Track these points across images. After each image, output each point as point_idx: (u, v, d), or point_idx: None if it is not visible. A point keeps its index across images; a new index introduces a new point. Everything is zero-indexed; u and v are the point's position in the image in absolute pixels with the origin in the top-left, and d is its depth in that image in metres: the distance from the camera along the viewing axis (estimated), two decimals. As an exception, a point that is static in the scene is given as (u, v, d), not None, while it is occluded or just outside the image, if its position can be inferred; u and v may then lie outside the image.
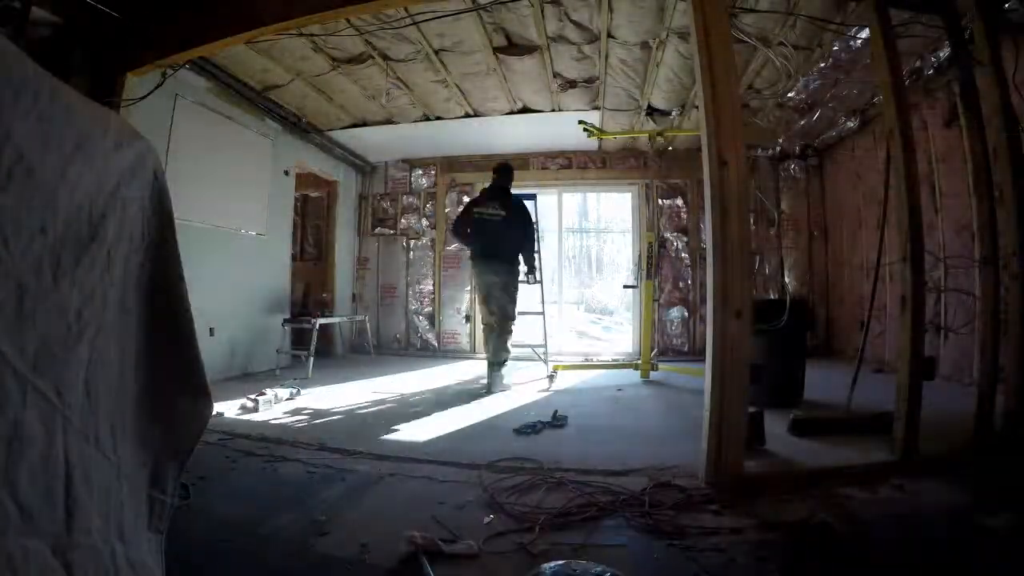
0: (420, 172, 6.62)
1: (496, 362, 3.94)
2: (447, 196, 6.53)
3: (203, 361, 1.23)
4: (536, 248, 4.88)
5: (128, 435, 1.07)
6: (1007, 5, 2.68)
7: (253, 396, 3.26)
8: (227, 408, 3.18)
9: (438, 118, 5.18)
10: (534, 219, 4.29)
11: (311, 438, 2.58)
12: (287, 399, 3.50)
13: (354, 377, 4.57)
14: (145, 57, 2.82)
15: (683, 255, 6.14)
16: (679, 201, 6.20)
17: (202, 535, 1.52)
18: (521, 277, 4.15)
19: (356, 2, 2.52)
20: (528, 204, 4.23)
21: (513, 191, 4.21)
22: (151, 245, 1.15)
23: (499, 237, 3.89)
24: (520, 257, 4.05)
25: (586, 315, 12.52)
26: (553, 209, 6.73)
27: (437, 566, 1.34)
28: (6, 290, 0.78)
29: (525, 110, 4.97)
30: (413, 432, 2.75)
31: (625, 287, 5.49)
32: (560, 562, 1.28)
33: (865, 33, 3.26)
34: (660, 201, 6.18)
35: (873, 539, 1.49)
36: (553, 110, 4.95)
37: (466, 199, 6.47)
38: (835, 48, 3.53)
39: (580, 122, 4.82)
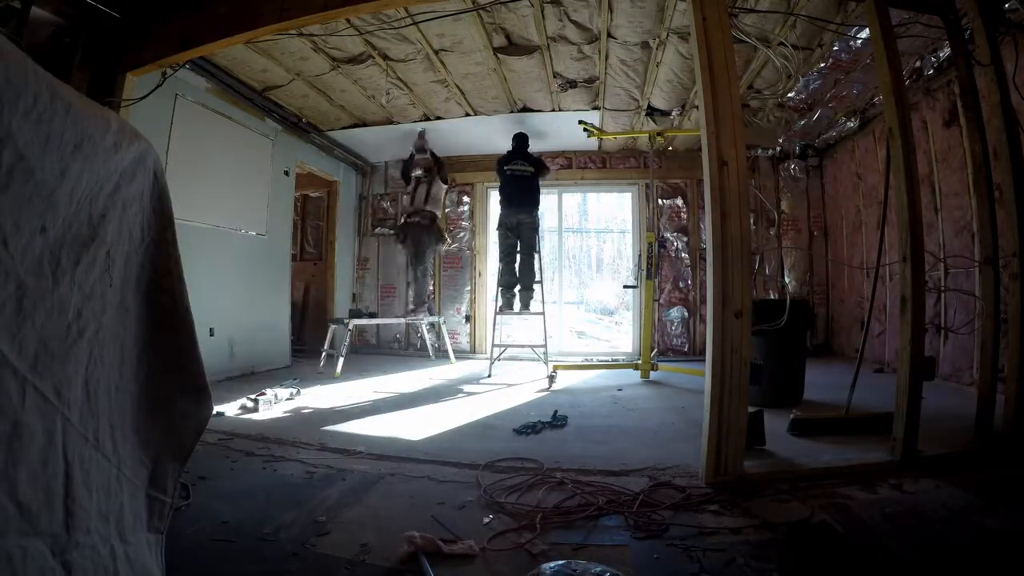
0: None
1: (530, 286, 4.98)
2: (447, 196, 6.53)
3: (203, 361, 1.24)
4: (537, 249, 4.94)
5: (128, 435, 1.07)
6: (1007, 5, 2.68)
7: (253, 396, 3.26)
8: (227, 408, 3.18)
9: (438, 118, 5.18)
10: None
11: (311, 438, 2.58)
12: (287, 399, 3.50)
13: (354, 377, 4.57)
14: (145, 57, 2.82)
15: (683, 255, 6.14)
16: (679, 201, 6.20)
17: (202, 535, 1.52)
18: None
19: (356, 2, 2.52)
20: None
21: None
22: (151, 245, 1.16)
23: (528, 188, 4.98)
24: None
25: (586, 315, 12.52)
26: (553, 209, 6.73)
27: (437, 566, 1.34)
28: (6, 290, 0.78)
29: (525, 110, 4.97)
30: (413, 432, 2.75)
31: (625, 287, 5.48)
32: (560, 562, 1.27)
33: (865, 33, 3.26)
34: (660, 201, 6.18)
35: (873, 539, 1.49)
36: (553, 110, 4.95)
37: (466, 199, 6.49)
38: (835, 48, 3.53)
39: (580, 122, 4.82)
